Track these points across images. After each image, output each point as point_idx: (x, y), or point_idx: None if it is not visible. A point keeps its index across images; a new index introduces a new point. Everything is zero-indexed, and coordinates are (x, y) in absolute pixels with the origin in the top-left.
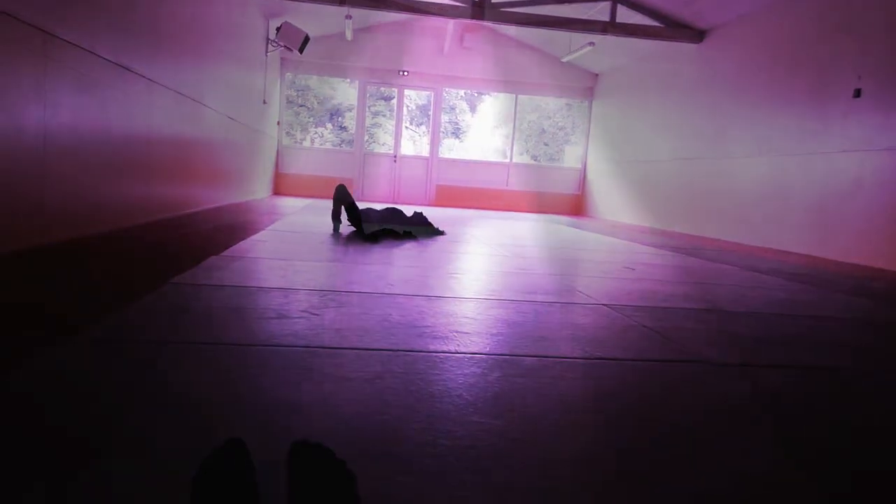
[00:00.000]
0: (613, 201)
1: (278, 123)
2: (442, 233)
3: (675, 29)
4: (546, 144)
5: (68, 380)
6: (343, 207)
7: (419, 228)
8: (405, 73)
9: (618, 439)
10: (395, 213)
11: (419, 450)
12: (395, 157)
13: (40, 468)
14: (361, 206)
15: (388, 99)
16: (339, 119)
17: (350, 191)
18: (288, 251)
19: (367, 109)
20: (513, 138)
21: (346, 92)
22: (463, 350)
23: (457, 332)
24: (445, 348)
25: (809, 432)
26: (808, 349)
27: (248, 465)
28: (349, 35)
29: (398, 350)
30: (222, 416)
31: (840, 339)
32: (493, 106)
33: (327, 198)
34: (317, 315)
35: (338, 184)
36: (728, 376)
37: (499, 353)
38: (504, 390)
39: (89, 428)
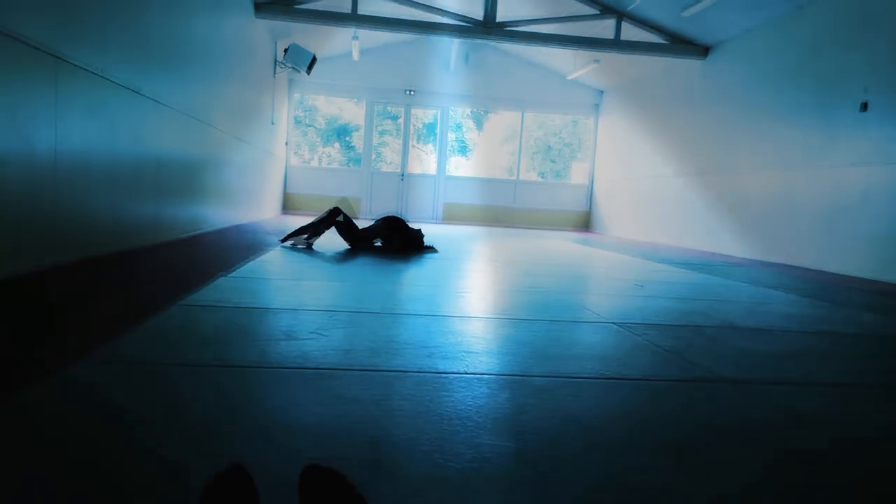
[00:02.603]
0: (621, 217)
1: (286, 143)
2: (435, 250)
3: (680, 45)
4: (553, 161)
5: (77, 400)
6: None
7: (410, 242)
8: (412, 93)
9: (632, 460)
10: (395, 225)
11: (429, 472)
12: (402, 175)
13: (47, 485)
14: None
15: (395, 118)
16: (347, 138)
17: (357, 210)
18: (296, 271)
19: (374, 128)
20: (519, 155)
21: (353, 111)
22: (472, 370)
23: (465, 351)
24: (454, 368)
25: (825, 450)
26: (821, 365)
27: (250, 490)
28: (356, 55)
29: (407, 371)
30: (231, 439)
31: (852, 355)
32: (499, 123)
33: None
34: (325, 336)
35: (336, 206)
36: (742, 394)
37: (508, 373)
38: (514, 411)
39: (95, 447)
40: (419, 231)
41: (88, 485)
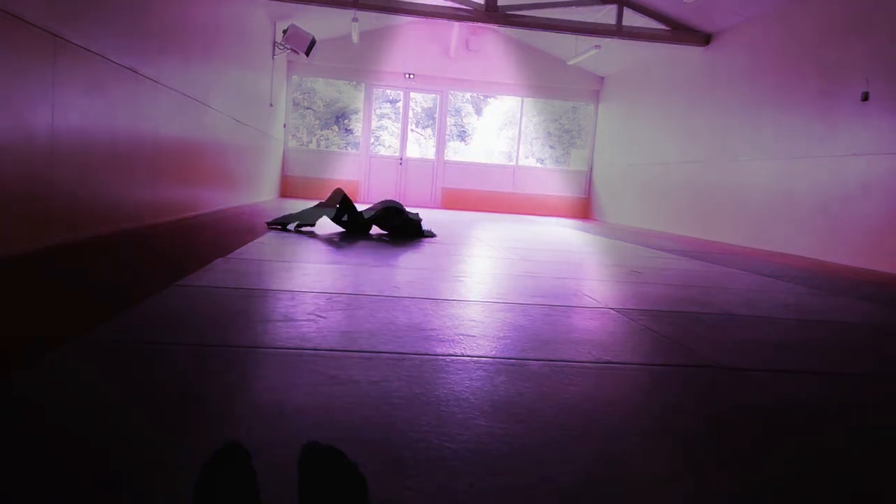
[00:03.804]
0: (620, 204)
1: (284, 126)
2: (433, 235)
3: (682, 32)
4: (552, 147)
5: (72, 381)
6: (341, 210)
7: (408, 227)
8: (411, 76)
9: (626, 444)
10: (391, 211)
11: (426, 453)
12: (400, 159)
13: (42, 468)
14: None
15: (393, 102)
16: (345, 122)
17: (354, 195)
18: (294, 253)
19: (372, 112)
20: (518, 141)
21: (351, 95)
22: (469, 354)
23: (463, 335)
24: (452, 352)
25: (822, 438)
26: (817, 354)
27: (248, 467)
28: (355, 38)
29: (404, 353)
30: (228, 419)
31: (849, 344)
32: (498, 109)
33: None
34: (323, 318)
35: (337, 188)
36: (738, 381)
37: (505, 356)
38: (511, 394)
39: (92, 428)
40: (417, 216)
41: (82, 466)
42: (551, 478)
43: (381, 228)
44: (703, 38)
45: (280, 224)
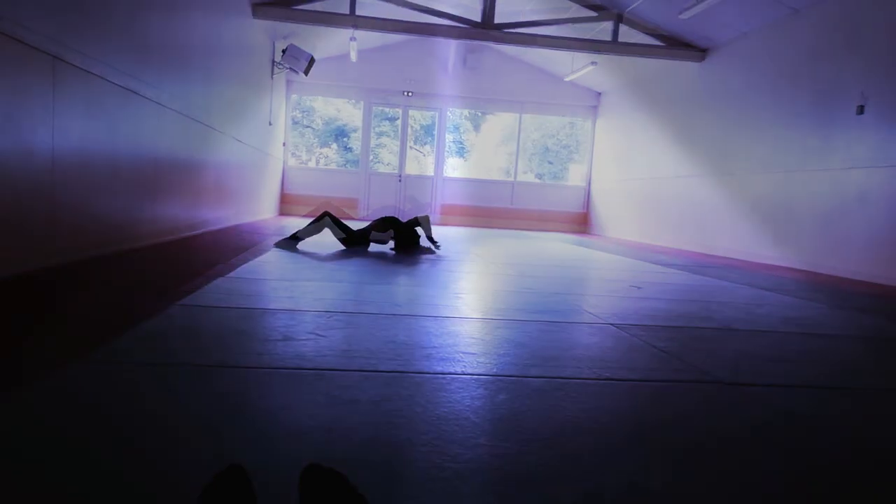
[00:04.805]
0: (618, 219)
1: (284, 144)
2: (432, 251)
3: (678, 47)
4: (550, 163)
5: (73, 401)
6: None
7: (408, 233)
8: (409, 94)
9: (628, 462)
10: (388, 221)
11: (427, 473)
12: (399, 176)
13: (42, 489)
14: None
15: (392, 119)
16: (344, 140)
17: (355, 210)
18: (294, 271)
19: (371, 130)
20: (517, 157)
21: (350, 113)
22: (469, 371)
23: (463, 353)
24: (452, 370)
25: (823, 453)
26: (818, 368)
27: (248, 490)
28: (354, 56)
29: (405, 372)
30: (229, 440)
31: (850, 358)
32: (496, 125)
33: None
34: (323, 337)
35: (324, 212)
36: (739, 396)
37: (506, 374)
38: (511, 412)
39: (91, 449)
40: (416, 232)
41: (84, 489)
42: (553, 496)
43: (379, 236)
44: (699, 53)
45: (290, 240)
